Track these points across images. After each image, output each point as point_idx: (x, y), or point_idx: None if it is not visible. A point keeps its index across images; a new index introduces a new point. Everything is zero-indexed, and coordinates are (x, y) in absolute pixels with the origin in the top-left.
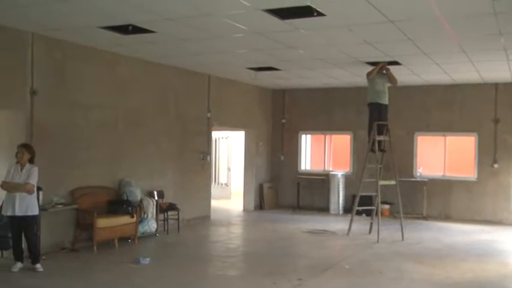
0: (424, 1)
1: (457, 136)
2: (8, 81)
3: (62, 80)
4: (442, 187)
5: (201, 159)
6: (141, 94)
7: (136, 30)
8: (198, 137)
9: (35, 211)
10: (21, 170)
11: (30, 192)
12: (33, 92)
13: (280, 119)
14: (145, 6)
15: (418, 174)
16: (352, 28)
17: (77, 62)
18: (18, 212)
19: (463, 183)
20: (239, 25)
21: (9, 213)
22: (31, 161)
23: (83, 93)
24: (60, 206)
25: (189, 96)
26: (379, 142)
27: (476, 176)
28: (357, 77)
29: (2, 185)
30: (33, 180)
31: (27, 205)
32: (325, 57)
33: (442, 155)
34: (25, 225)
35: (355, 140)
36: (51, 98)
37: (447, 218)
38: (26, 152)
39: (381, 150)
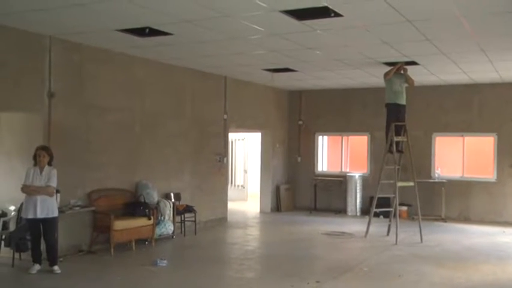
0: (442, 0)
1: (475, 137)
2: (26, 84)
3: (79, 82)
4: (461, 188)
5: (217, 161)
6: (157, 96)
7: (153, 32)
8: (214, 138)
9: (55, 213)
10: (41, 172)
11: (51, 195)
12: (51, 95)
13: (296, 120)
14: (162, 9)
15: (436, 175)
16: (370, 28)
17: (94, 64)
18: (40, 215)
19: (482, 184)
20: (256, 26)
21: (30, 216)
22: (49, 163)
23: (100, 96)
24: (77, 208)
25: (205, 98)
26: (397, 143)
27: (495, 177)
28: (374, 77)
29: (22, 189)
30: (54, 183)
31: (48, 207)
32: (342, 57)
33: (460, 156)
34: (45, 227)
35: (372, 141)
36: (69, 100)
37: (466, 219)
38: (46, 154)
39: (399, 151)
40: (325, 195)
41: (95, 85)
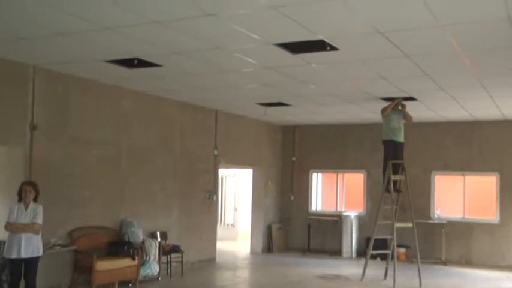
0: (442, 35)
1: (477, 176)
2: (8, 116)
3: (63, 114)
4: (462, 230)
5: (207, 198)
6: (145, 130)
7: (142, 63)
8: (204, 175)
9: (40, 252)
10: (26, 209)
11: (37, 232)
12: (33, 127)
13: (290, 156)
14: (152, 40)
15: (436, 216)
16: (367, 63)
17: (79, 96)
18: (24, 254)
19: (485, 226)
20: (249, 59)
21: (13, 256)
22: (35, 199)
23: (85, 129)
24: (58, 247)
25: (195, 132)
26: (395, 182)
27: (498, 219)
28: (371, 113)
29: (6, 226)
30: (40, 220)
31: (33, 246)
32: (337, 92)
33: (461, 196)
34: (28, 267)
35: (369, 180)
36: (52, 133)
37: (468, 263)
38: (33, 190)
39: (397, 190)
40: (319, 236)
41: (79, 117)
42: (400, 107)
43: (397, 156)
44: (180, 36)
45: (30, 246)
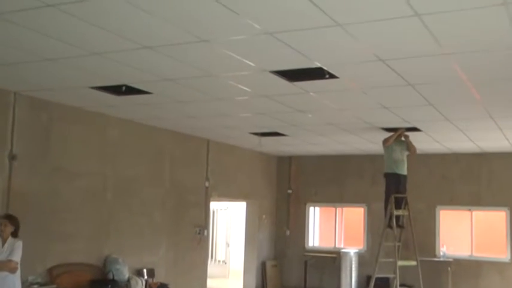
0: (447, 64)
1: (485, 211)
2: None
3: (46, 143)
4: (470, 269)
5: (197, 233)
6: (132, 160)
7: (130, 90)
8: (194, 208)
9: None
10: (3, 245)
11: (13, 271)
12: (12, 157)
13: (285, 189)
14: (141, 66)
15: (441, 253)
16: (367, 91)
17: (63, 124)
18: None
19: (494, 265)
20: (243, 87)
21: None
22: (14, 234)
23: (69, 159)
24: (35, 286)
25: (185, 162)
26: (397, 217)
27: (509, 257)
28: (372, 144)
29: None
30: (17, 257)
31: (9, 286)
32: (336, 122)
33: (468, 232)
34: None
35: (369, 214)
36: (33, 163)
37: None
38: (10, 224)
39: (399, 226)
40: (317, 274)
41: (63, 147)
42: (402, 138)
43: (399, 190)
44: (171, 63)
45: (5, 286)
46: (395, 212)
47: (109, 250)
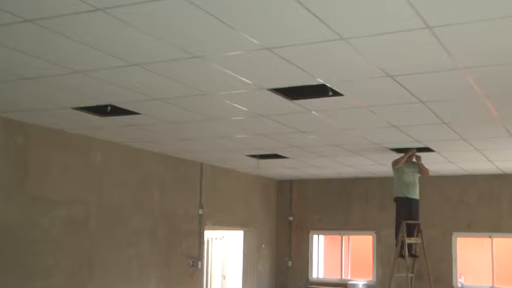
0: (462, 79)
1: (507, 238)
2: None
3: (22, 170)
4: None
5: (190, 265)
6: (118, 186)
7: (116, 111)
8: (187, 238)
9: None
10: None
11: None
12: None
13: (286, 216)
14: (128, 84)
15: (459, 284)
16: (375, 109)
17: (42, 148)
18: None
19: None
20: (239, 106)
21: None
22: None
23: (48, 186)
24: None
25: (177, 188)
26: (410, 245)
27: None
28: (381, 165)
29: None
30: None
31: None
32: (341, 142)
33: (489, 261)
34: None
35: (379, 242)
36: (8, 191)
37: None
38: None
39: (412, 255)
40: None
41: (42, 173)
42: (414, 159)
43: (411, 216)
44: (161, 81)
45: None
46: (408, 240)
47: (93, 286)
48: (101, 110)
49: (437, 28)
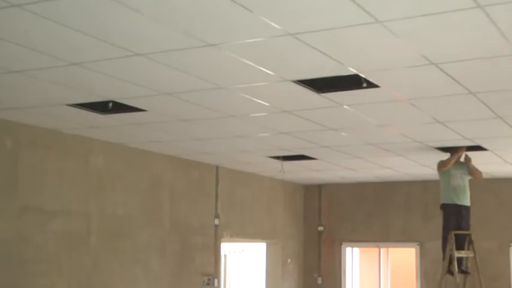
0: None
1: None
2: None
3: (12, 176)
4: None
5: (205, 283)
6: (123, 194)
7: (119, 107)
8: (201, 252)
9: None
10: None
11: None
12: None
13: (315, 225)
14: (133, 78)
15: None
16: (416, 102)
17: (35, 151)
18: None
19: None
20: (260, 101)
21: None
22: None
23: (42, 195)
24: None
25: (189, 195)
26: (459, 260)
27: None
28: (424, 167)
29: None
30: None
31: None
32: (378, 141)
33: None
34: None
35: (423, 256)
36: None
37: None
38: None
39: (463, 271)
40: None
41: (35, 180)
42: (462, 159)
43: (461, 225)
44: (170, 73)
45: None
46: (457, 254)
47: None
48: (102, 107)
49: (489, 7)
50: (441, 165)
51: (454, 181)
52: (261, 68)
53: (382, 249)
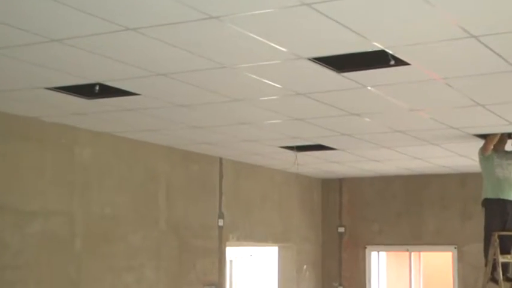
0: None
1: None
2: None
3: None
4: None
5: None
6: (112, 191)
7: (107, 91)
8: (203, 258)
9: None
10: None
11: None
12: None
13: (335, 226)
14: (123, 57)
15: None
16: (453, 82)
17: (10, 142)
18: None
19: None
20: (270, 82)
21: None
22: None
23: (18, 193)
24: None
25: (189, 192)
26: (504, 265)
27: None
28: (462, 157)
29: None
30: None
31: None
32: (407, 128)
33: None
34: None
35: (461, 261)
36: None
37: None
38: None
39: (508, 279)
40: None
41: (10, 175)
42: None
43: (507, 225)
44: (166, 50)
45: None
46: (501, 259)
47: None
48: (87, 91)
49: None
50: (483, 149)
51: (498, 172)
52: (271, 44)
53: (413, 254)
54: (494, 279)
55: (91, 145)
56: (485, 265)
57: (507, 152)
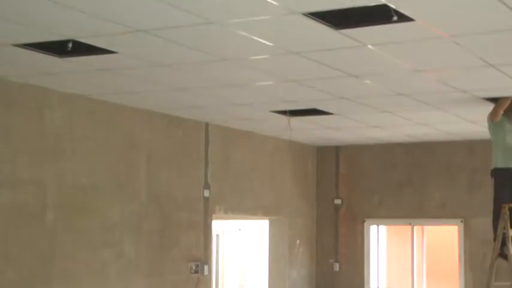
0: None
1: None
2: None
3: None
4: None
5: (192, 272)
6: (87, 159)
7: (81, 49)
8: (188, 232)
9: None
10: None
11: None
12: None
13: (331, 197)
14: (98, 11)
15: None
16: (461, 40)
17: None
18: None
19: None
20: (261, 39)
21: None
22: None
23: None
24: None
25: (172, 161)
26: None
27: None
28: (470, 123)
29: None
30: None
31: None
32: (411, 90)
33: None
34: None
35: (467, 236)
36: None
37: None
38: None
39: None
40: None
41: None
42: None
43: None
44: (146, 3)
45: None
46: (511, 233)
47: None
48: (59, 48)
49: None
50: (493, 114)
51: (509, 139)
52: None
53: (415, 228)
54: (503, 255)
55: (63, 108)
56: (494, 240)
57: None
